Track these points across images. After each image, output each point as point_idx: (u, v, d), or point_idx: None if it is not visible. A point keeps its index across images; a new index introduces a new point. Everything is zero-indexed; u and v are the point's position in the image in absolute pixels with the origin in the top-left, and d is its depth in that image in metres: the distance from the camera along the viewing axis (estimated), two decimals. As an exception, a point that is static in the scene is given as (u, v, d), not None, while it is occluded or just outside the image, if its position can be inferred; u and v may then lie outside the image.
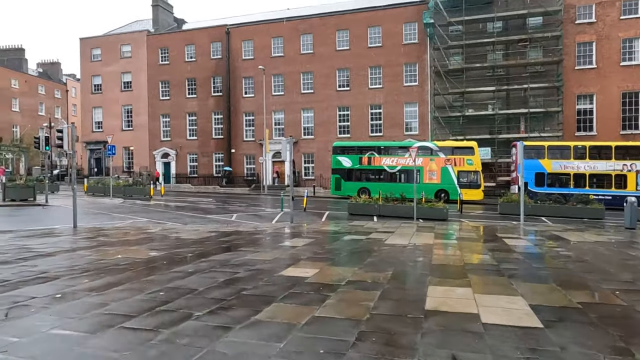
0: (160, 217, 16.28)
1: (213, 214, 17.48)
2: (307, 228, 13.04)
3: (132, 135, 42.29)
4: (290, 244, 9.67)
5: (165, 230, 11.99)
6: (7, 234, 11.20)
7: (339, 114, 35.36)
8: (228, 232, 11.70)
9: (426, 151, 25.75)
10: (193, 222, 14.92)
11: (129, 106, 42.52)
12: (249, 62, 37.68)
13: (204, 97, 39.55)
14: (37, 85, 58.25)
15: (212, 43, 39.28)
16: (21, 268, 6.78)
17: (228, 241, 9.97)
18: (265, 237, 10.74)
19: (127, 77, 42.46)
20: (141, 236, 10.78)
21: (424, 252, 8.57)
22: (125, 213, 17.11)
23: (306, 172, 36.54)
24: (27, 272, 6.50)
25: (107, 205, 20.18)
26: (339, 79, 35.40)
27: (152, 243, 9.56)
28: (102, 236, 10.74)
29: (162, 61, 40.94)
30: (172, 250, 8.52)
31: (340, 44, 35.31)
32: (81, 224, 13.66)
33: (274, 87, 37.14)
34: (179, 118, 40.36)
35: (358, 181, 27.04)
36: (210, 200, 24.15)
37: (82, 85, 45.66)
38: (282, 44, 36.99)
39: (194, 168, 40.33)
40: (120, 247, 8.87)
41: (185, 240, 10.14)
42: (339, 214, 18.70)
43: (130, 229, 12.26)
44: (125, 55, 42.52)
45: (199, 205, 21.05)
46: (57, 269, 6.71)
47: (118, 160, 42.76)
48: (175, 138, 40.55)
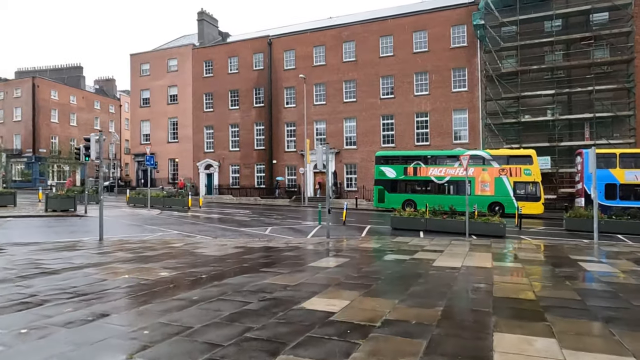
0: (191, 229, 15.59)
1: (247, 227, 16.58)
2: (344, 244, 11.73)
3: (178, 147, 42.99)
4: (322, 264, 8.40)
5: (190, 245, 11.13)
6: (30, 246, 10.78)
7: (383, 122, 33.90)
8: (255, 248, 10.64)
9: (478, 160, 23.70)
10: (224, 236, 14.05)
11: (174, 119, 43.35)
12: (291, 72, 37.21)
13: (246, 109, 39.49)
14: (94, 101, 61.29)
15: (255, 54, 39.27)
16: (13, 289, 6.00)
17: (252, 259, 8.88)
18: (295, 255, 9.54)
19: (174, 90, 43.38)
20: (162, 251, 9.94)
21: (481, 279, 7.01)
22: (158, 225, 16.61)
23: (348, 184, 35.22)
24: (16, 294, 5.69)
25: (144, 216, 19.89)
26: (382, 86, 34.02)
27: (169, 260, 8.64)
28: (122, 251, 10.01)
29: (206, 74, 41.48)
30: (186, 270, 7.53)
31: (384, 51, 33.99)
32: (109, 236, 13.16)
33: (315, 97, 36.36)
34: (222, 130, 40.53)
35: (403, 193, 25.36)
36: (248, 212, 23.42)
37: (132, 99, 47.24)
38: (324, 53, 36.24)
39: (236, 179, 40.19)
40: (134, 265, 8.01)
41: (206, 257, 9.17)
42: (381, 228, 17.21)
43: (155, 243, 11.51)
44: (172, 69, 43.53)
45: (235, 217, 20.31)
46: (49, 291, 5.86)
47: (164, 172, 43.65)
48: (218, 149, 40.69)
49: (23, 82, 53.79)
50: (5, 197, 21.47)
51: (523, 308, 5.27)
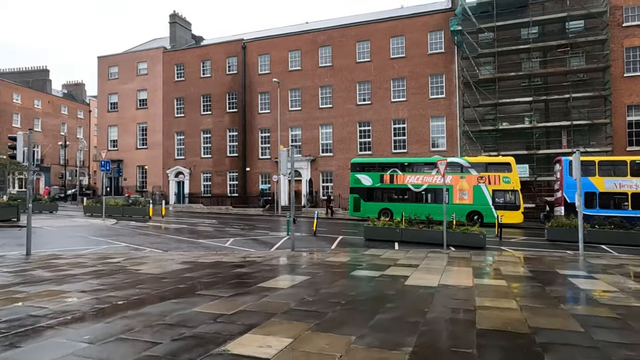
0: (143, 241, 14.03)
1: (207, 238, 15.11)
2: (309, 258, 10.44)
3: (147, 153, 41.04)
4: (275, 283, 7.09)
5: (130, 261, 9.65)
6: (-60, 262, 9.12)
7: (360, 129, 32.92)
8: (204, 264, 9.25)
9: (456, 168, 22.86)
10: (177, 249, 12.58)
11: (144, 124, 41.45)
12: (265, 77, 35.98)
13: (219, 114, 37.99)
14: (61, 105, 58.56)
15: (228, 58, 37.93)
16: None
17: (193, 278, 7.50)
18: (246, 272, 8.20)
19: (143, 94, 41.54)
20: (92, 269, 8.45)
21: (461, 302, 5.84)
22: (107, 236, 14.98)
23: (325, 192, 34.01)
24: None
25: (95, 227, 18.18)
26: (359, 92, 33.11)
27: (92, 281, 7.19)
28: (43, 268, 8.47)
29: (177, 78, 39.86)
30: (103, 295, 6.10)
31: (361, 56, 33.17)
32: (43, 250, 11.56)
33: (290, 102, 35.18)
34: (193, 136, 38.87)
35: (379, 201, 24.29)
36: (213, 222, 21.89)
37: (99, 103, 45.13)
38: (299, 58, 35.18)
39: (207, 187, 38.48)
40: (43, 288, 6.55)
41: (140, 276, 7.74)
42: (354, 239, 16.01)
43: (91, 258, 9.98)
44: (142, 73, 41.73)
45: (197, 228, 18.77)
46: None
47: (132, 180, 41.60)
48: (190, 156, 38.97)
49: (-18, 84, 50.89)
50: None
51: (515, 346, 4.09)
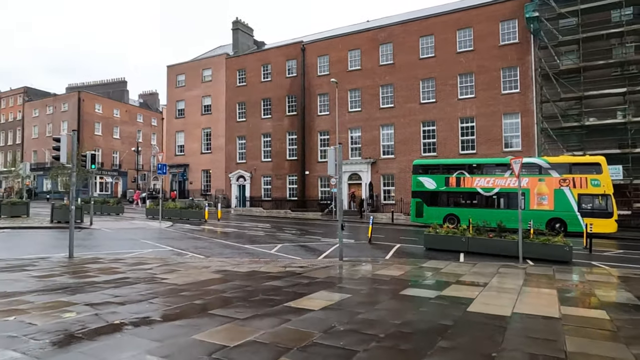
0: (189, 245, 13.60)
1: (255, 244, 14.38)
2: (356, 270, 9.18)
3: (211, 158, 42.07)
4: (306, 302, 5.95)
5: (165, 267, 9.04)
6: (-12, 263, 9.15)
7: (423, 129, 30.90)
8: (239, 274, 8.36)
9: (533, 169, 20.26)
10: (220, 254, 11.92)
11: (208, 129, 42.57)
12: (324, 78, 35.21)
13: (278, 117, 37.87)
14: (136, 114, 62.52)
15: (288, 61, 37.72)
16: None
17: (218, 292, 6.59)
18: (280, 286, 7.14)
19: (207, 100, 42.71)
20: (120, 276, 7.90)
21: (545, 344, 4.29)
22: (156, 239, 14.81)
23: (386, 196, 32.38)
24: None
25: (150, 229, 18.30)
26: (422, 90, 31.13)
27: (111, 290, 6.57)
28: (72, 274, 8.08)
29: (239, 83, 40.44)
30: (109, 310, 5.36)
31: (424, 52, 31.19)
32: (90, 252, 11.46)
33: (350, 103, 34.04)
34: (254, 140, 39.11)
35: (444, 206, 22.28)
36: (267, 227, 21.30)
37: (168, 110, 47.23)
38: (359, 57, 33.97)
39: (267, 191, 38.45)
40: (54, 297, 6.02)
41: (162, 287, 7.01)
42: (413, 248, 14.43)
43: (127, 263, 9.55)
44: (206, 79, 42.95)
45: (248, 232, 18.20)
46: None
47: (197, 183, 42.86)
48: (250, 160, 39.24)
49: (70, 96, 55.68)
50: (18, 207, 20.79)
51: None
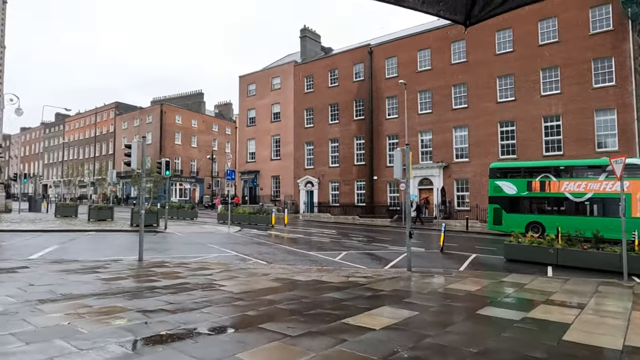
0: (253, 251, 13.51)
1: (319, 251, 13.96)
2: (426, 283, 8.32)
3: (280, 164, 42.81)
4: (366, 320, 5.30)
5: (225, 273, 8.88)
6: (65, 264, 9.67)
7: (501, 130, 28.70)
8: (298, 283, 7.92)
9: (635, 171, 17.70)
10: (283, 260, 11.63)
11: (277, 136, 43.41)
12: (392, 81, 34.23)
13: (346, 122, 37.50)
14: (212, 123, 65.83)
15: (355, 65, 37.30)
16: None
17: (271, 303, 6.18)
18: (340, 299, 6.57)
19: (277, 108, 43.60)
20: (180, 281, 7.83)
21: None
22: (223, 244, 14.97)
23: (460, 202, 30.51)
24: None
25: (218, 234, 18.66)
26: (499, 88, 28.97)
27: (167, 297, 6.46)
28: (136, 277, 8.18)
29: (307, 89, 40.77)
30: (159, 318, 5.16)
31: (501, 47, 29.05)
32: (159, 256, 11.77)
33: (420, 105, 32.70)
34: (321, 145, 39.10)
35: (526, 213, 20.29)
36: (332, 233, 20.84)
37: (240, 119, 48.96)
38: (429, 56, 32.57)
39: (335, 197, 38.14)
40: (113, 302, 5.98)
41: (218, 294, 6.77)
42: (491, 259, 13.09)
43: (190, 268, 9.56)
44: (276, 88, 43.91)
45: (313, 239, 17.85)
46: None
47: (267, 189, 43.81)
48: (318, 166, 39.25)
49: (153, 109, 60.06)
50: (104, 211, 22.46)
51: None
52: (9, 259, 10.85)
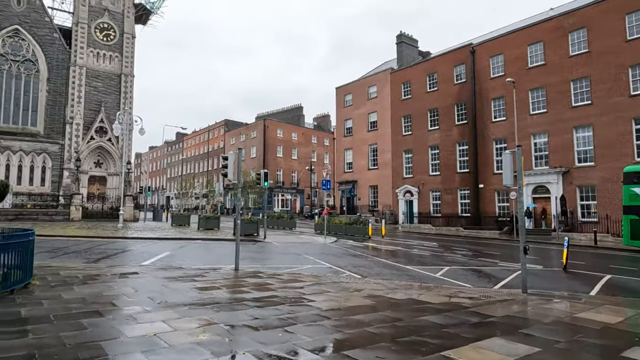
0: (347, 263, 12.99)
1: (417, 265, 12.94)
2: (547, 310, 6.97)
3: (377, 173, 42.06)
4: (473, 355, 4.41)
5: (315, 287, 8.50)
6: (171, 271, 10.19)
7: (637, 128, 24.50)
8: (392, 302, 7.18)
9: None
10: (378, 275, 10.92)
11: (374, 145, 42.79)
12: (498, 80, 31.51)
13: (446, 128, 35.47)
14: (311, 135, 67.66)
15: (455, 67, 35.22)
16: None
17: (359, 324, 5.56)
18: (440, 324, 5.70)
19: (373, 116, 43.08)
20: (270, 293, 7.63)
21: None
22: (317, 255, 14.72)
23: (585, 212, 26.65)
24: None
25: (314, 244, 18.52)
26: (633, 79, 24.83)
27: (254, 311, 6.24)
28: (230, 288, 8.18)
29: (404, 96, 39.60)
30: (241, 336, 4.91)
31: (633, 31, 24.95)
32: (256, 266, 11.90)
33: (532, 105, 29.52)
34: (421, 153, 37.49)
35: (676, 226, 16.76)
36: (433, 246, 19.42)
37: (337, 129, 49.37)
38: (541, 50, 29.34)
39: (437, 207, 36.14)
40: (202, 314, 5.93)
41: (305, 310, 6.37)
42: (633, 281, 10.83)
43: (281, 279, 9.38)
44: (372, 96, 43.46)
45: (412, 252, 16.75)
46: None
47: (365, 199, 43.29)
48: (418, 174, 37.65)
49: (257, 124, 63.70)
50: (211, 221, 23.97)
51: None
52: (126, 264, 11.84)
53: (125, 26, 41.15)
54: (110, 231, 22.27)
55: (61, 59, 38.39)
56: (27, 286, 7.50)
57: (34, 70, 37.54)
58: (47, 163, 37.11)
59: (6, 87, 36.48)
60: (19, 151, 36.03)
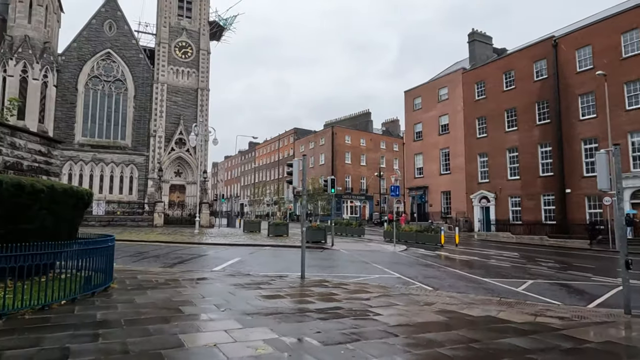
0: (417, 274, 12.30)
1: (496, 277, 11.88)
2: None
3: (450, 178, 40.23)
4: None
5: (383, 298, 8.04)
6: (241, 277, 10.33)
7: None
8: (467, 320, 6.53)
9: None
10: (450, 287, 10.15)
11: (446, 149, 41.04)
12: (587, 74, 28.66)
13: (526, 128, 32.97)
14: (380, 141, 66.74)
15: (535, 63, 32.69)
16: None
17: (430, 344, 5.05)
18: (522, 351, 5.01)
19: (444, 119, 41.38)
20: (335, 304, 7.33)
21: None
22: (386, 264, 14.15)
23: (697, 220, 23.15)
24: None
25: (383, 253, 17.90)
26: None
27: (317, 323, 5.98)
28: (294, 297, 8.02)
29: (478, 96, 37.55)
30: (294, 351, 4.64)
31: None
32: (322, 274, 11.70)
33: (628, 99, 26.46)
34: (497, 156, 35.20)
35: None
36: (513, 256, 17.88)
37: (406, 134, 48.16)
38: (637, 38, 26.19)
39: (516, 213, 33.62)
40: (261, 327, 5.76)
41: (371, 325, 5.97)
42: None
43: (348, 290, 9.03)
44: (443, 99, 41.81)
45: (489, 262, 15.50)
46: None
47: (437, 206, 41.59)
48: (494, 179, 35.37)
49: (325, 131, 64.19)
50: (280, 227, 24.30)
51: None
52: (198, 270, 12.23)
53: (200, 43, 43.73)
54: (187, 237, 23.46)
55: (145, 77, 41.71)
56: (107, 289, 7.92)
57: (123, 88, 41.17)
58: (134, 173, 40.34)
59: (100, 105, 40.38)
60: (111, 163, 39.57)
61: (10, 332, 5.05)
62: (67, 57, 39.49)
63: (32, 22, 36.08)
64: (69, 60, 39.49)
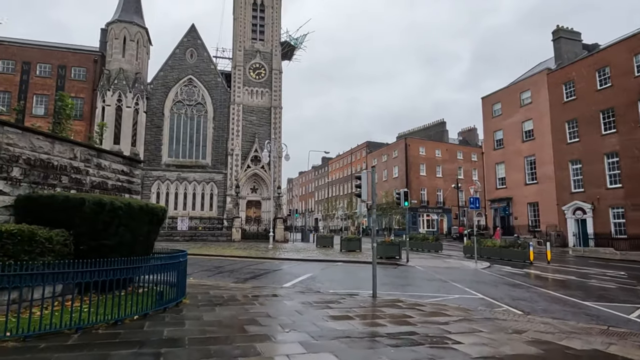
0: (503, 294, 11.02)
1: (599, 301, 10.26)
2: None
3: (537, 188, 36.96)
4: None
5: (462, 324, 7.19)
6: (313, 295, 10.03)
7: None
8: (568, 354, 5.51)
9: None
10: (544, 312, 8.89)
11: (531, 157, 37.88)
12: (702, 64, 24.81)
13: (627, 131, 29.30)
14: (456, 151, 63.75)
15: (635, 56, 29.11)
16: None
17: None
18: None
19: (528, 125, 38.33)
20: (409, 328, 6.67)
21: None
22: (467, 283, 12.94)
23: None
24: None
25: (463, 270, 16.51)
26: None
27: (389, 351, 5.40)
28: (363, 319, 7.49)
29: (566, 98, 34.32)
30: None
31: None
32: (395, 292, 11.02)
33: None
34: (593, 163, 31.66)
35: None
36: (620, 275, 15.53)
37: (485, 142, 45.34)
38: None
39: (620, 226, 29.77)
40: (324, 351, 5.34)
41: (450, 356, 5.24)
42: None
43: (423, 312, 8.27)
44: (525, 103, 38.84)
45: (589, 283, 13.55)
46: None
47: (523, 218, 38.40)
48: (590, 188, 31.79)
49: (398, 143, 62.80)
50: (353, 242, 23.76)
51: None
52: (269, 285, 12.14)
53: (273, 63, 45.34)
54: (262, 252, 23.85)
55: (223, 99, 44.10)
56: (179, 304, 8.00)
57: (203, 111, 43.88)
58: (213, 190, 42.48)
59: (183, 128, 43.36)
60: (193, 181, 42.08)
61: (81, 347, 5.15)
62: (155, 85, 43.10)
63: (126, 56, 39.99)
64: (156, 88, 43.06)
